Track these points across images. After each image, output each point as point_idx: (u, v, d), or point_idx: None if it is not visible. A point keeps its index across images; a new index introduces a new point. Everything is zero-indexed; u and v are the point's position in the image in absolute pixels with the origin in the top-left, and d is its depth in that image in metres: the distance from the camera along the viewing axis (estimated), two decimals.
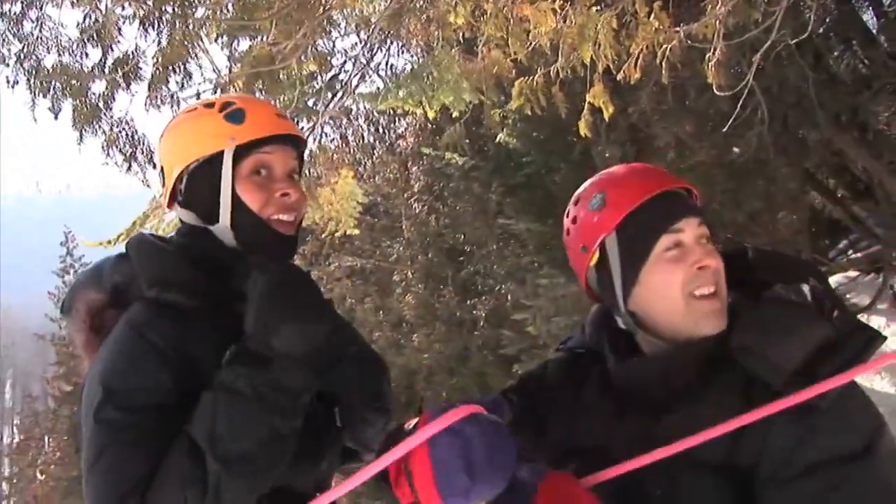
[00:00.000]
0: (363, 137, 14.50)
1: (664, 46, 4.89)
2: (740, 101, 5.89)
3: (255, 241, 1.92)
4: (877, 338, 1.60)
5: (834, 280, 12.87)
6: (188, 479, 1.58)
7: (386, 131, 15.41)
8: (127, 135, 5.83)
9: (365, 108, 12.72)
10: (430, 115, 6.80)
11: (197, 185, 1.92)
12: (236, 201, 1.90)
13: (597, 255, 1.85)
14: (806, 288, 1.70)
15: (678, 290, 1.74)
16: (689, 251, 1.75)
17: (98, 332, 1.90)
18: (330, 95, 6.97)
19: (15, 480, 48.32)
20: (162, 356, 1.72)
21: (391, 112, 13.48)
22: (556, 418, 1.94)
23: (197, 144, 1.90)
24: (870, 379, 11.02)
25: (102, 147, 5.79)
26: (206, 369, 1.73)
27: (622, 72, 5.08)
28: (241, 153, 1.89)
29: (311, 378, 1.71)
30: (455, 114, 6.91)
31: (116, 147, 5.79)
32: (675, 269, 1.75)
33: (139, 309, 1.82)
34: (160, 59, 5.52)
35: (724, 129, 6.57)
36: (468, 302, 14.04)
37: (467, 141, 11.18)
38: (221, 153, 1.89)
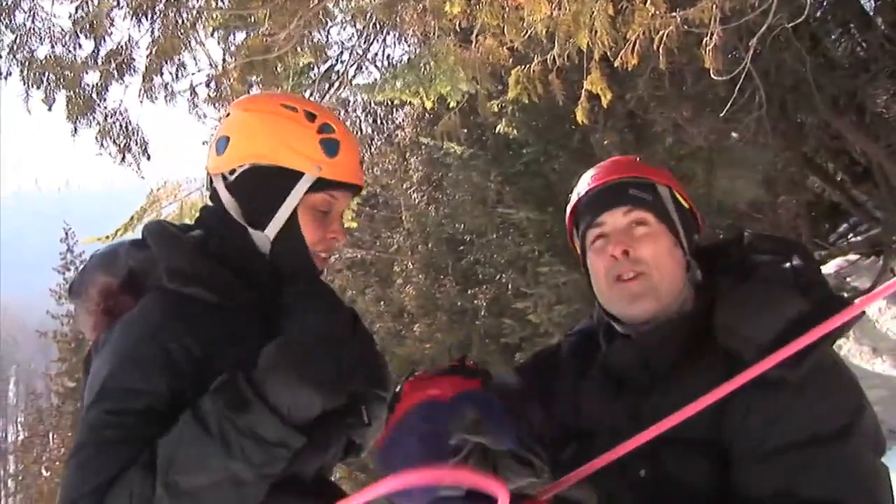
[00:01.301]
0: (361, 129, 14.50)
1: (661, 32, 4.87)
2: (737, 86, 5.89)
3: (292, 263, 1.92)
4: (858, 317, 1.58)
5: (834, 264, 12.87)
6: (137, 496, 1.55)
7: (384, 122, 15.39)
8: (121, 126, 5.79)
9: (362, 99, 12.73)
10: (428, 105, 6.79)
11: (260, 185, 1.88)
12: (293, 223, 1.88)
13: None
14: (788, 265, 1.72)
15: (603, 277, 1.84)
16: (610, 241, 1.83)
17: (110, 315, 1.86)
18: (326, 86, 6.94)
19: (20, 477, 48.49)
20: (168, 360, 1.69)
21: (389, 103, 13.47)
22: (563, 399, 1.96)
23: (283, 150, 1.86)
24: (871, 361, 11.04)
25: (96, 138, 5.75)
26: (220, 369, 1.70)
27: (619, 58, 5.06)
28: (317, 184, 1.88)
29: (293, 436, 1.60)
30: (452, 103, 6.90)
31: (110, 138, 5.76)
32: (598, 259, 1.85)
33: (157, 301, 1.80)
34: (154, 51, 5.49)
35: (723, 114, 6.57)
36: (469, 291, 14.03)
37: (465, 130, 11.18)
38: (301, 173, 1.86)
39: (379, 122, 15.29)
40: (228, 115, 1.98)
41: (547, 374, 2.05)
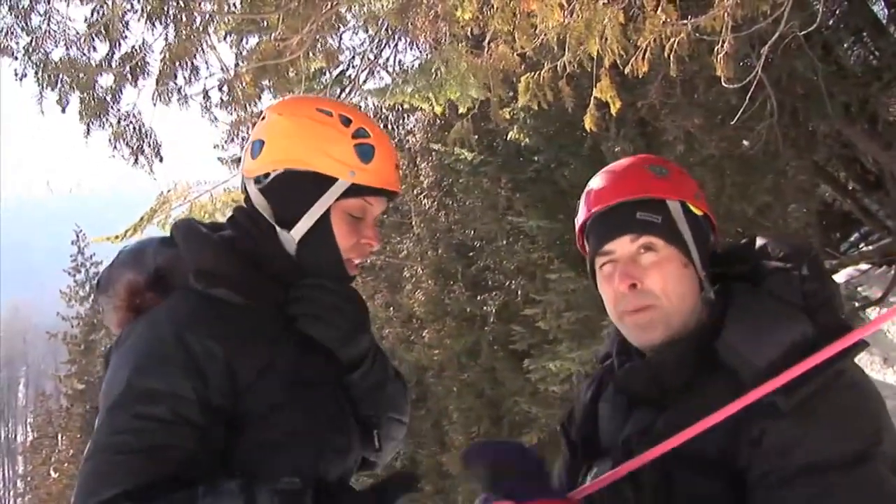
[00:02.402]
0: None
1: (672, 40, 4.87)
2: (749, 94, 5.88)
3: (319, 266, 1.93)
4: (857, 344, 1.55)
5: (845, 273, 12.81)
6: None
7: (395, 128, 15.40)
8: (134, 128, 5.83)
9: (374, 104, 12.75)
10: (438, 110, 6.80)
11: (292, 189, 1.89)
12: (323, 226, 1.89)
13: None
14: (797, 276, 1.68)
15: (612, 306, 1.82)
16: (617, 269, 1.80)
17: (136, 312, 1.86)
18: (338, 91, 6.96)
19: (29, 478, 48.72)
20: (192, 363, 1.70)
21: (400, 108, 13.49)
22: (583, 423, 1.98)
23: (317, 155, 1.86)
24: (882, 371, 10.98)
25: (109, 140, 5.81)
26: (246, 372, 1.75)
27: (630, 65, 5.06)
28: (351, 190, 1.88)
29: None
30: (462, 109, 6.91)
31: (123, 140, 5.80)
32: (607, 287, 1.83)
33: (183, 302, 1.80)
34: (167, 55, 5.52)
35: (734, 122, 6.56)
36: (478, 297, 14.00)
37: (476, 137, 11.18)
38: (334, 178, 1.87)
39: (390, 127, 15.31)
40: (264, 118, 1.98)
41: (573, 419, 2.07)
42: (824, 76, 7.73)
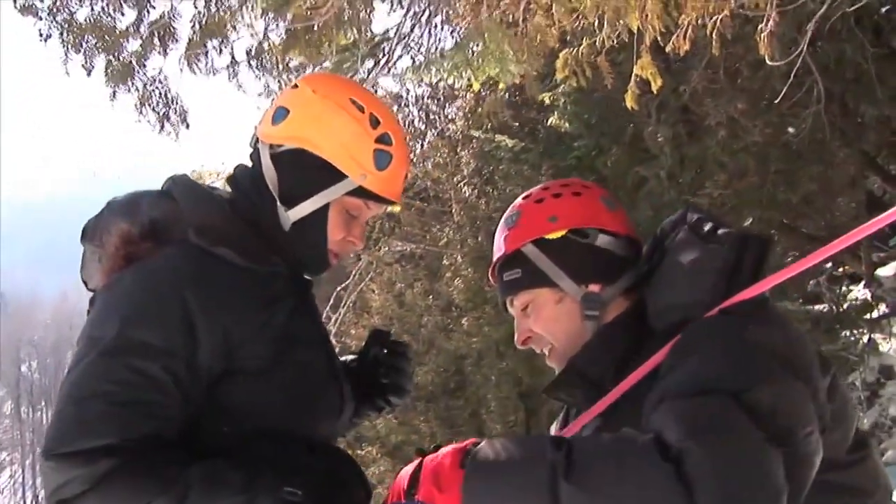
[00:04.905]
0: (413, 123, 14.54)
1: (714, 17, 4.76)
2: (793, 78, 5.74)
3: (306, 251, 1.94)
4: (768, 241, 1.62)
5: (893, 266, 12.56)
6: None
7: (436, 117, 15.38)
8: (160, 94, 5.79)
9: (415, 94, 12.72)
10: (476, 87, 6.72)
11: (302, 170, 1.89)
12: (320, 215, 1.90)
13: None
14: (685, 227, 1.72)
15: None
16: (515, 325, 1.96)
17: (129, 261, 1.84)
18: (371, 65, 6.85)
19: None
20: (187, 320, 1.68)
21: (441, 98, 13.44)
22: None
23: (337, 148, 1.87)
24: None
25: (135, 106, 5.78)
26: (241, 332, 1.74)
27: (671, 44, 4.95)
28: (357, 191, 1.90)
29: None
30: (502, 86, 6.81)
31: (149, 106, 5.77)
32: None
33: (185, 256, 1.79)
34: (199, 28, 5.45)
35: (779, 108, 6.41)
36: None
37: (517, 124, 11.09)
38: (345, 175, 1.88)
39: (431, 117, 15.30)
40: (296, 86, 1.97)
41: None
42: (875, 60, 7.53)
